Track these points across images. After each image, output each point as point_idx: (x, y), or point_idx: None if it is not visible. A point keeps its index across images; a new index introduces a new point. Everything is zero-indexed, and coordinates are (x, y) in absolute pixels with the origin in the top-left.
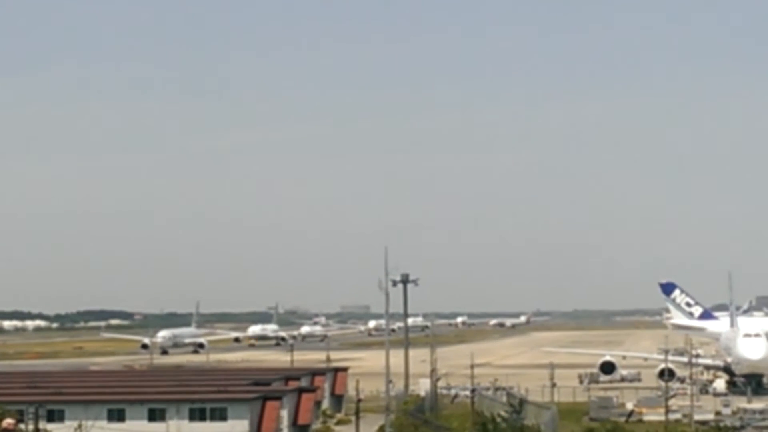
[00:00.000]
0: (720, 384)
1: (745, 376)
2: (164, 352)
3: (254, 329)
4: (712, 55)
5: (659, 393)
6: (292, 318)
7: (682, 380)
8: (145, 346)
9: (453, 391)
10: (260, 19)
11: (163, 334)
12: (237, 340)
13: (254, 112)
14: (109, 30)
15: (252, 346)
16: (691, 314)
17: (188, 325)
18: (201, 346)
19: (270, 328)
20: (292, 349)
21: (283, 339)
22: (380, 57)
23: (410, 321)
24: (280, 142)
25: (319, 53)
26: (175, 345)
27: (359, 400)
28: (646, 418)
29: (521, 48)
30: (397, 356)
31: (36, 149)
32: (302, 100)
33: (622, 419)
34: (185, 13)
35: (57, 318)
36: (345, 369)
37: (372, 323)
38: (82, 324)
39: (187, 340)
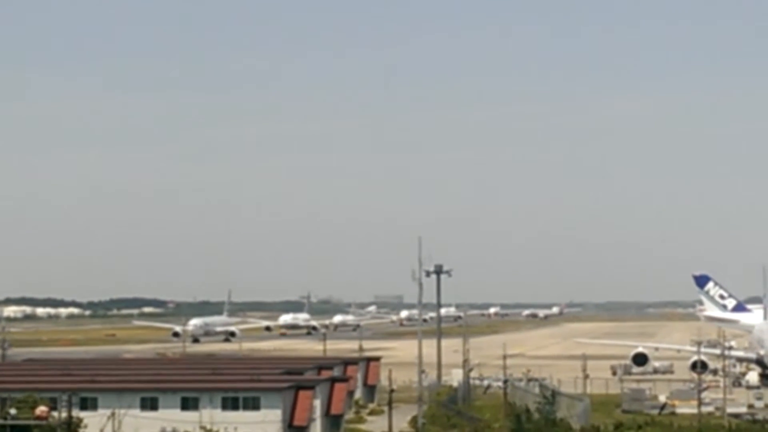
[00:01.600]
0: (753, 377)
1: None
2: (195, 340)
3: (285, 318)
4: (742, 52)
5: (692, 385)
6: (325, 307)
7: (714, 372)
8: (176, 335)
9: (486, 382)
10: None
11: (194, 323)
12: (268, 329)
13: (292, 104)
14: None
15: (283, 335)
16: (724, 306)
17: (221, 313)
18: (232, 334)
19: (301, 317)
20: (324, 338)
21: (314, 328)
22: (411, 53)
23: (443, 311)
24: (317, 133)
25: (356, 50)
26: (207, 333)
27: (392, 391)
28: (678, 410)
29: (550, 42)
30: (429, 346)
31: (63, 139)
32: (339, 94)
33: (655, 411)
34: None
35: (90, 305)
36: (378, 359)
37: (404, 313)
38: (114, 312)
39: (219, 329)
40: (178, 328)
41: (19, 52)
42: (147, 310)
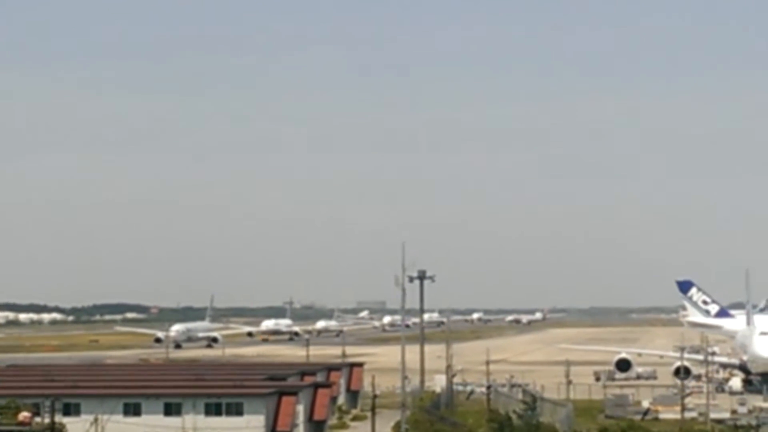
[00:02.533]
0: (736, 382)
1: (762, 374)
2: (178, 346)
3: (267, 324)
4: (737, 56)
5: (675, 391)
6: (308, 313)
7: (698, 378)
8: (158, 340)
9: (469, 388)
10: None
11: (176, 328)
12: (250, 334)
13: (274, 108)
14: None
15: (265, 340)
16: (707, 312)
17: (204, 319)
18: (215, 340)
19: (283, 323)
20: (308, 344)
21: (296, 334)
22: (399, 55)
23: (426, 317)
24: (300, 137)
25: (336, 51)
26: (189, 339)
27: (375, 396)
28: (662, 416)
29: (541, 45)
30: (412, 352)
31: (50, 144)
32: (321, 98)
33: (638, 417)
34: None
35: (73, 311)
36: (361, 364)
37: (387, 319)
38: (98, 317)
39: (201, 335)
40: (160, 334)
41: (9, 53)
42: (130, 315)
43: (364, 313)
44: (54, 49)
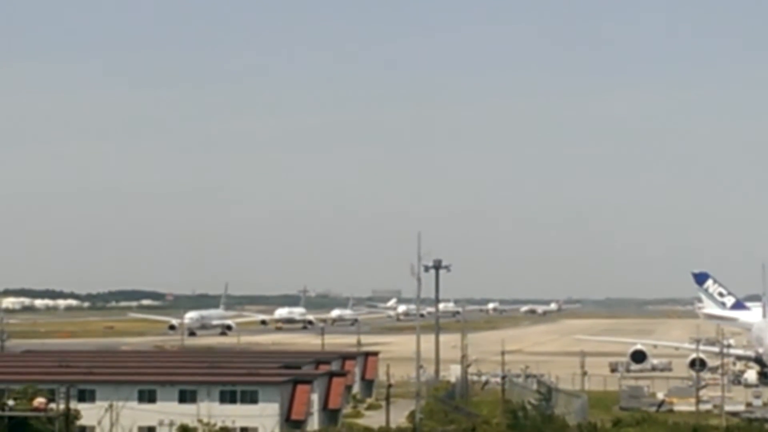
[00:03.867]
0: (751, 375)
1: None
2: (192, 333)
3: (281, 312)
4: (742, 51)
5: (690, 383)
6: (324, 301)
7: (713, 370)
8: (172, 327)
9: (484, 378)
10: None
11: (190, 316)
12: (264, 322)
13: (290, 100)
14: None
15: (279, 329)
16: (723, 304)
17: (218, 306)
18: (229, 327)
19: (297, 311)
20: (323, 332)
21: (310, 322)
22: (416, 48)
23: (441, 306)
24: (315, 127)
25: (347, 43)
26: (203, 326)
27: (390, 385)
28: (676, 408)
29: (553, 40)
30: (427, 341)
31: (62, 132)
32: (338, 88)
33: (653, 409)
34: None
35: (88, 297)
36: (376, 354)
37: (401, 308)
38: (113, 304)
39: (215, 322)
40: (174, 321)
41: (15, 45)
42: (145, 302)
43: (392, 301)
44: (56, 41)
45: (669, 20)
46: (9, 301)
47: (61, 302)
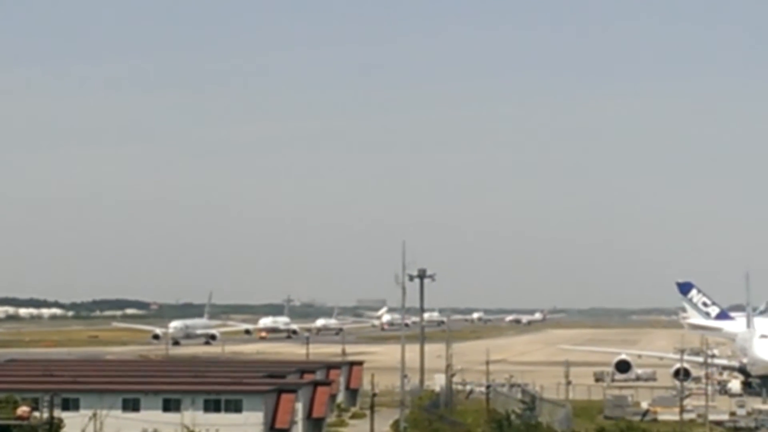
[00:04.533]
0: (735, 384)
1: (761, 377)
2: (176, 342)
3: (265, 321)
4: (738, 56)
5: (674, 392)
6: (309, 311)
7: (697, 380)
8: (156, 337)
9: (468, 387)
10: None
11: (174, 325)
12: (248, 332)
13: (274, 107)
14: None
15: (263, 338)
16: (707, 314)
17: (203, 315)
18: (213, 337)
19: (281, 321)
20: (307, 342)
21: (294, 332)
22: (397, 53)
23: (426, 316)
24: (299, 136)
25: (338, 49)
26: (187, 336)
27: (374, 395)
28: (660, 417)
29: (540, 45)
30: (412, 351)
31: (51, 140)
32: (321, 96)
33: (637, 418)
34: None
35: (73, 306)
36: (360, 363)
37: (386, 317)
38: (97, 313)
39: (199, 331)
40: (158, 331)
41: (14, 50)
42: (130, 311)
43: (383, 310)
44: (54, 47)
45: (662, 23)
46: None
47: (46, 311)
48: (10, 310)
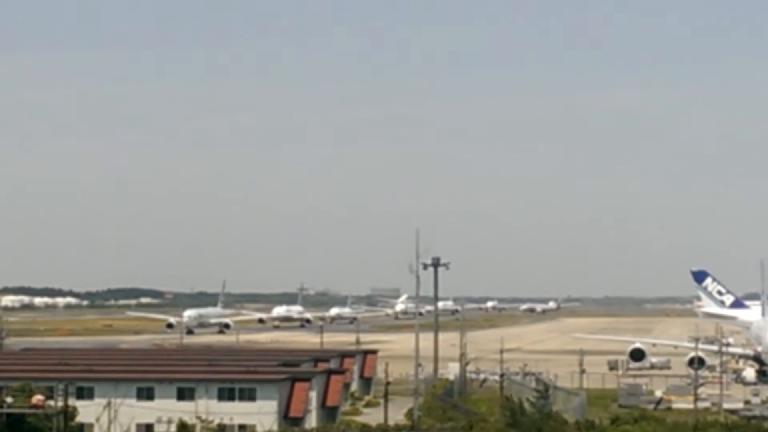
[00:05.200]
0: (750, 373)
1: None
2: (190, 331)
3: (278, 310)
4: (744, 49)
5: (688, 381)
6: (323, 299)
7: (711, 369)
8: (170, 326)
9: (482, 376)
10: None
11: (188, 314)
12: (261, 321)
13: (286, 94)
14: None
15: (276, 327)
16: (722, 303)
17: (217, 304)
18: (227, 326)
19: (295, 310)
20: (321, 330)
21: (307, 321)
22: (411, 42)
23: (440, 305)
24: (314, 125)
25: (350, 39)
26: (201, 325)
27: (388, 383)
28: (675, 406)
29: (548, 34)
30: (426, 340)
31: (61, 129)
32: (335, 85)
33: (651, 407)
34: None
35: (87, 296)
36: (374, 352)
37: (399, 306)
38: (112, 302)
39: (213, 320)
40: (172, 320)
41: (13, 41)
42: (144, 300)
43: (404, 297)
44: (56, 35)
45: (668, 17)
46: (8, 299)
47: (60, 300)
48: (25, 299)
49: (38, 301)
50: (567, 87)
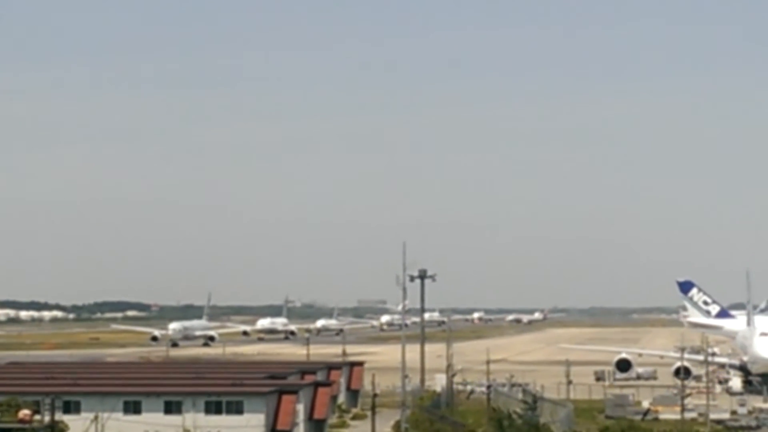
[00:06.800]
0: (736, 383)
1: (762, 375)
2: (174, 344)
3: (263, 323)
4: (739, 55)
5: (675, 391)
6: (309, 311)
7: (698, 379)
8: (155, 338)
9: (469, 387)
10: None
11: (173, 327)
12: (245, 333)
13: (274, 107)
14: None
15: (261, 339)
16: (708, 312)
17: (203, 317)
18: (212, 338)
19: (279, 322)
20: (308, 342)
21: (292, 332)
22: (399, 54)
23: (427, 316)
24: (301, 137)
25: (339, 49)
26: (186, 337)
27: (375, 395)
28: (661, 416)
29: (542, 45)
30: (413, 351)
31: (50, 141)
32: (322, 97)
33: (638, 417)
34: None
35: (74, 309)
36: (361, 363)
37: (385, 318)
38: (98, 315)
39: (198, 333)
40: (157, 333)
41: (11, 50)
42: (131, 313)
43: (399, 307)
44: (55, 47)
45: (663, 23)
46: None
47: (47, 314)
48: (11, 312)
49: (24, 314)
50: (554, 99)
